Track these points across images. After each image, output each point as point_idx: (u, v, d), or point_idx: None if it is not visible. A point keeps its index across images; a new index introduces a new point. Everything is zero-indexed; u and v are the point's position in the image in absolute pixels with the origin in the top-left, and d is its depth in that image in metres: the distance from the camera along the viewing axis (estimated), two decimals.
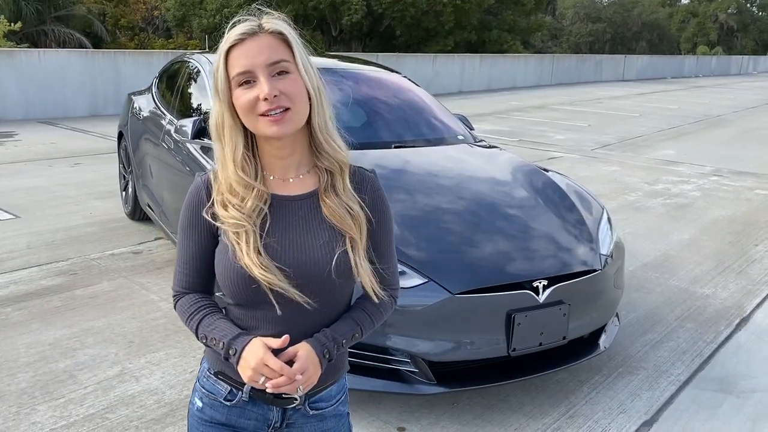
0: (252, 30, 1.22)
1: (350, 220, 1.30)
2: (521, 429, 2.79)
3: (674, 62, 36.23)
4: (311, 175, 1.33)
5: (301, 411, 1.37)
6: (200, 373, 1.41)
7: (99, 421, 2.73)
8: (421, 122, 4.12)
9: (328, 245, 1.29)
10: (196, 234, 1.32)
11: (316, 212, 1.31)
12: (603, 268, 2.97)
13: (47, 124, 11.24)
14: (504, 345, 2.69)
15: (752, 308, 4.16)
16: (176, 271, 1.37)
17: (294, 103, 1.22)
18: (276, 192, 1.30)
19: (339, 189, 1.31)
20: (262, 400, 1.34)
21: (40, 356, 3.25)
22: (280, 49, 1.23)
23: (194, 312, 1.32)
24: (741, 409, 3.00)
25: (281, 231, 1.29)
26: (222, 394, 1.35)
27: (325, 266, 1.28)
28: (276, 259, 1.26)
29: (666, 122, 14.20)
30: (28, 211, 5.74)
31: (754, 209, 6.79)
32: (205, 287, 1.36)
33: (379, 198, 1.38)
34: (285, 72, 1.22)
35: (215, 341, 1.27)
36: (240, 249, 1.24)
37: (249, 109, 1.21)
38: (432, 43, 26.58)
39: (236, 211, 1.25)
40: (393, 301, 1.43)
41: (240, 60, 1.21)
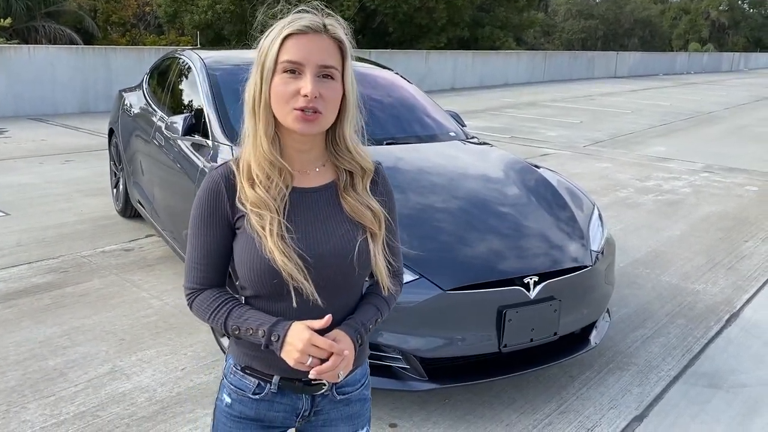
0: (317, 27, 1.25)
1: (371, 217, 1.34)
2: (512, 425, 2.80)
3: (666, 59, 36.35)
4: (327, 168, 1.36)
5: (328, 397, 1.40)
6: (226, 370, 1.41)
7: (90, 419, 2.72)
8: (413, 119, 4.12)
9: (348, 235, 1.33)
10: (214, 228, 1.32)
11: (335, 205, 1.35)
12: (593, 264, 2.98)
13: (37, 120, 11.17)
14: (495, 341, 2.69)
15: (742, 304, 4.19)
16: (189, 267, 1.35)
17: (327, 109, 1.25)
18: (295, 184, 1.32)
19: (359, 188, 1.35)
20: (292, 390, 1.36)
21: (30, 354, 3.23)
22: (335, 55, 1.26)
23: (219, 306, 1.32)
24: (731, 404, 3.02)
25: (302, 221, 1.31)
26: (250, 389, 1.37)
27: (347, 255, 1.32)
28: (299, 247, 1.27)
29: (657, 119, 14.25)
30: (18, 209, 5.71)
31: (745, 205, 6.82)
32: (220, 282, 1.37)
33: (389, 192, 1.45)
34: (330, 77, 1.25)
35: (252, 331, 1.27)
36: (264, 235, 1.26)
37: (286, 99, 1.23)
38: (424, 40, 26.55)
39: (263, 191, 1.27)
40: (401, 286, 1.50)
41: (296, 49, 1.23)
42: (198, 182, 3.53)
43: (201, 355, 3.28)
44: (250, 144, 1.29)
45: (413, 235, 2.80)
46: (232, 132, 3.57)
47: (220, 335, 3.25)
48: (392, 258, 1.43)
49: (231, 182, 1.30)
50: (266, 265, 1.26)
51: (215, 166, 1.34)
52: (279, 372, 1.34)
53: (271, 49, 1.24)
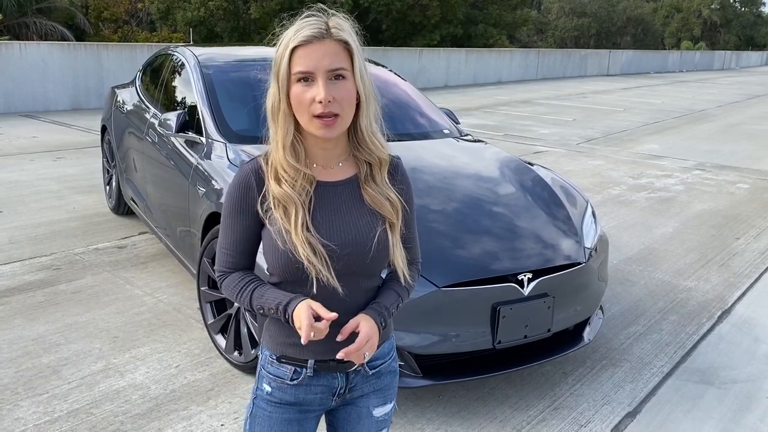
0: (320, 33, 1.31)
1: (390, 207, 1.43)
2: (506, 421, 2.81)
3: (658, 57, 36.49)
4: (349, 162, 1.45)
5: (361, 373, 1.49)
6: (262, 360, 1.50)
7: (83, 416, 2.71)
8: (407, 116, 4.12)
9: (369, 225, 1.42)
10: (244, 218, 1.41)
11: (357, 197, 1.43)
12: (587, 261, 2.99)
13: (29, 117, 11.10)
14: (489, 338, 2.70)
15: (734, 300, 4.21)
16: (221, 252, 1.46)
17: (343, 109, 1.32)
18: (320, 178, 1.41)
19: (378, 180, 1.44)
20: (327, 370, 1.45)
21: (23, 351, 3.22)
22: (342, 56, 1.32)
23: (244, 287, 1.42)
24: (722, 400, 3.04)
25: (326, 212, 1.40)
26: (288, 376, 1.45)
27: (367, 244, 1.40)
28: (322, 237, 1.36)
29: (650, 117, 14.31)
30: (9, 206, 5.68)
31: (736, 203, 6.86)
32: (248, 266, 1.47)
33: (408, 184, 1.53)
34: (341, 77, 1.32)
35: (272, 309, 1.38)
36: (288, 229, 1.35)
37: (305, 107, 1.31)
38: (418, 37, 26.55)
39: (288, 187, 1.35)
40: (419, 272, 1.61)
41: (304, 60, 1.30)
42: (191, 179, 3.52)
43: (195, 352, 3.28)
44: (274, 147, 1.38)
45: None
46: (226, 129, 3.56)
47: (216, 332, 3.24)
48: (410, 246, 1.54)
49: (260, 176, 1.39)
50: (289, 256, 1.35)
51: (247, 160, 1.43)
52: (313, 355, 1.43)
53: (282, 62, 1.32)
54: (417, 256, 1.60)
